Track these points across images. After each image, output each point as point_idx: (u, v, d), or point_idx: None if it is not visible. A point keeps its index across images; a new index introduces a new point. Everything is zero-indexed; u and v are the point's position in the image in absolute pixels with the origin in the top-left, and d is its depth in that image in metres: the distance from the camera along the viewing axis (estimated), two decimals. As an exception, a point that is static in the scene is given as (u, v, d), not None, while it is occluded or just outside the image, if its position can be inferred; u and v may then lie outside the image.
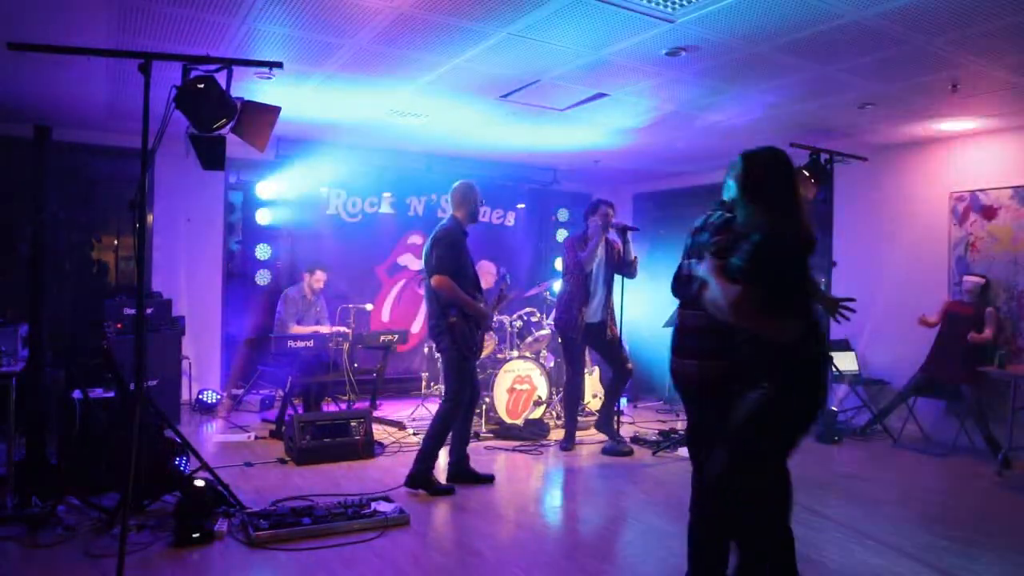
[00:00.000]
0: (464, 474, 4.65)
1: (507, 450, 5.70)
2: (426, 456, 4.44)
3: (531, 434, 6.03)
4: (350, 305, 6.70)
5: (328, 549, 3.47)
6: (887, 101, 5.20)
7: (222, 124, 3.63)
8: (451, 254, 4.36)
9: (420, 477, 4.43)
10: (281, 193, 7.38)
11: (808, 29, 3.88)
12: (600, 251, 5.73)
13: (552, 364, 6.92)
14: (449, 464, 4.67)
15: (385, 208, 7.93)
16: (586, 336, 5.72)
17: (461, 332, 4.41)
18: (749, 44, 4.15)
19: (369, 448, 5.17)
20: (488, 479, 4.72)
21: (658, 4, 3.62)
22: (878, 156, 6.58)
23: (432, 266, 4.39)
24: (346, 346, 6.20)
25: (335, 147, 7.49)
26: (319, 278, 6.62)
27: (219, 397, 6.92)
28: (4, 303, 5.40)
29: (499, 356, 6.40)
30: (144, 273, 3.51)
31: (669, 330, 3.05)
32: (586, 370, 6.87)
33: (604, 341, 5.75)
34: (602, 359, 6.02)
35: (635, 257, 5.77)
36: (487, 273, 7.43)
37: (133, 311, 4.77)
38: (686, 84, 4.97)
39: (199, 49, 4.27)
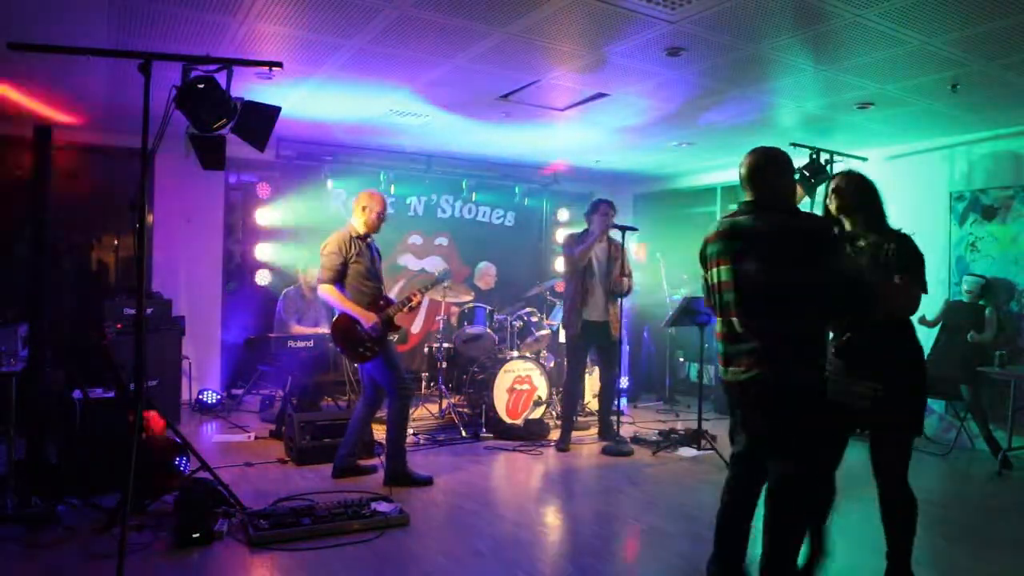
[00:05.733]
0: (351, 469, 4.74)
1: (507, 450, 5.70)
2: (394, 453, 4.61)
3: (531, 434, 6.03)
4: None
5: (328, 549, 3.47)
6: (887, 101, 5.20)
7: (222, 124, 3.63)
8: (328, 262, 4.54)
9: (397, 474, 4.57)
10: (281, 193, 7.38)
11: (808, 29, 3.88)
12: (601, 252, 5.74)
13: (552, 364, 6.92)
14: (339, 456, 4.73)
15: (385, 208, 7.93)
16: (588, 334, 5.72)
17: (343, 335, 4.55)
18: (749, 44, 4.15)
19: (369, 448, 5.17)
20: (371, 470, 4.81)
21: (658, 4, 3.62)
22: (878, 156, 6.58)
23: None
24: (346, 346, 6.19)
25: (335, 147, 7.50)
26: (312, 274, 6.66)
27: (219, 397, 6.92)
28: (4, 303, 5.40)
29: (499, 356, 6.40)
30: (144, 273, 3.50)
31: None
32: (586, 370, 6.87)
33: (607, 341, 5.75)
34: (599, 359, 6.02)
35: (630, 271, 5.77)
36: (486, 275, 7.44)
37: (133, 311, 4.76)
38: (686, 84, 4.97)
39: (199, 49, 4.27)
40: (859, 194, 2.99)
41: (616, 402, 6.07)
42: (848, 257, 2.84)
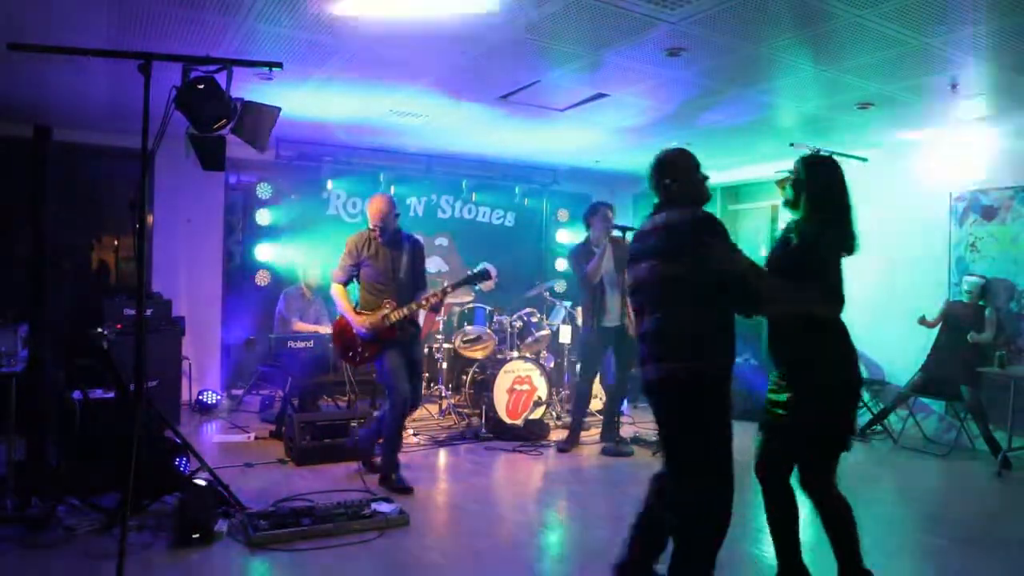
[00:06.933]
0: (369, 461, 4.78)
1: (507, 450, 5.70)
2: (384, 456, 4.58)
3: (531, 434, 6.03)
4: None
5: (328, 549, 3.47)
6: (887, 101, 5.20)
7: (222, 124, 3.63)
8: (340, 262, 4.62)
9: (383, 476, 4.57)
10: (281, 194, 7.38)
11: (808, 29, 3.88)
12: (608, 258, 5.68)
13: (552, 365, 6.92)
14: (362, 441, 4.77)
15: (385, 208, 7.94)
16: (605, 339, 5.69)
17: (338, 336, 4.60)
18: (749, 44, 4.15)
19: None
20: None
21: (658, 4, 3.62)
22: (878, 156, 6.58)
23: None
24: (346, 346, 6.19)
25: (335, 147, 7.50)
26: (314, 276, 6.70)
27: (219, 398, 6.92)
28: (4, 303, 5.39)
29: (499, 356, 6.40)
30: (144, 273, 3.49)
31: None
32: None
33: (624, 342, 5.71)
34: (616, 360, 5.93)
35: None
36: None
37: (133, 311, 4.75)
38: (686, 84, 4.97)
39: (199, 49, 4.27)
40: (795, 186, 2.95)
41: (619, 406, 6.05)
42: (733, 253, 2.67)
